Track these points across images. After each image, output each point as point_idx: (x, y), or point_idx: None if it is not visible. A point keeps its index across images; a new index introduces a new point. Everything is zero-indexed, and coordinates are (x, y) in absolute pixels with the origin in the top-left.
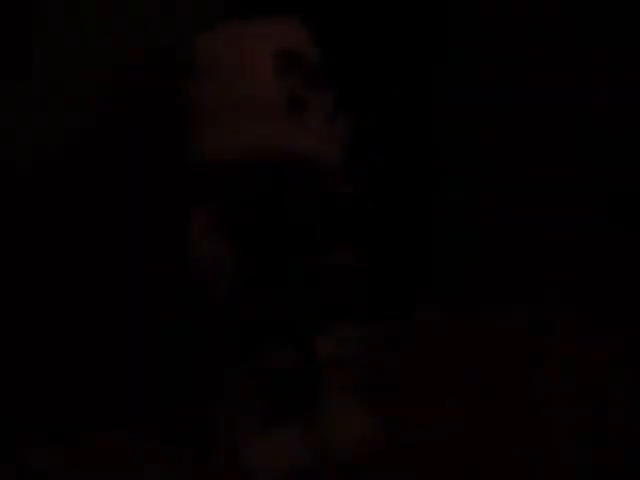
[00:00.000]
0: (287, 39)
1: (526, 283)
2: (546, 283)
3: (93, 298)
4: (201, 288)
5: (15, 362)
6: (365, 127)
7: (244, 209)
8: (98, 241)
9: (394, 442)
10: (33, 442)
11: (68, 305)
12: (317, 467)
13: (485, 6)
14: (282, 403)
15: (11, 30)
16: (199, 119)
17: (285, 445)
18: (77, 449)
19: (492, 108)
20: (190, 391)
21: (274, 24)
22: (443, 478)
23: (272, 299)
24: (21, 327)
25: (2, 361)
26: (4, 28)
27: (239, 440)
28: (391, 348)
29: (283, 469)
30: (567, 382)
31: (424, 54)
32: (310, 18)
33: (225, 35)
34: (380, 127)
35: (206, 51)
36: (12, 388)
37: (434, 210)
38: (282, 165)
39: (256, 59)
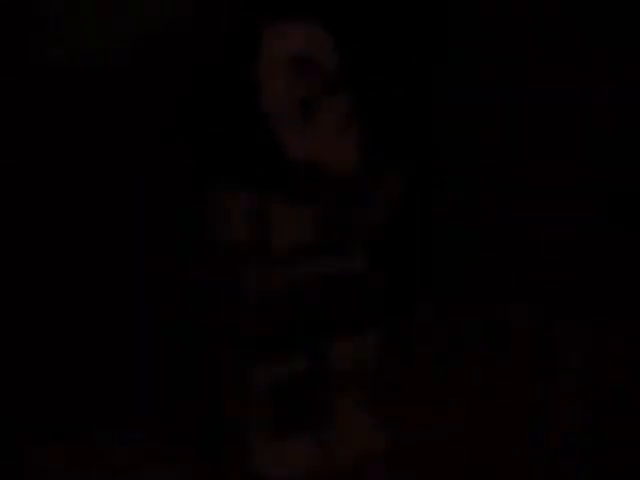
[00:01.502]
0: (303, 43)
1: (526, 283)
2: (546, 283)
3: (93, 298)
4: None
5: (15, 362)
6: (367, 128)
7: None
8: (98, 240)
9: (394, 442)
10: (33, 442)
11: (68, 305)
12: (327, 475)
13: (485, 6)
14: (294, 410)
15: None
16: None
17: (299, 452)
18: (77, 449)
19: (492, 108)
20: (190, 391)
21: (290, 28)
22: (443, 478)
23: (290, 305)
24: (21, 326)
25: (2, 361)
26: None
27: (252, 445)
28: (391, 348)
29: (296, 476)
30: (567, 382)
31: (425, 54)
32: (325, 20)
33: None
34: (380, 127)
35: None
36: (12, 388)
37: (434, 210)
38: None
39: (271, 65)
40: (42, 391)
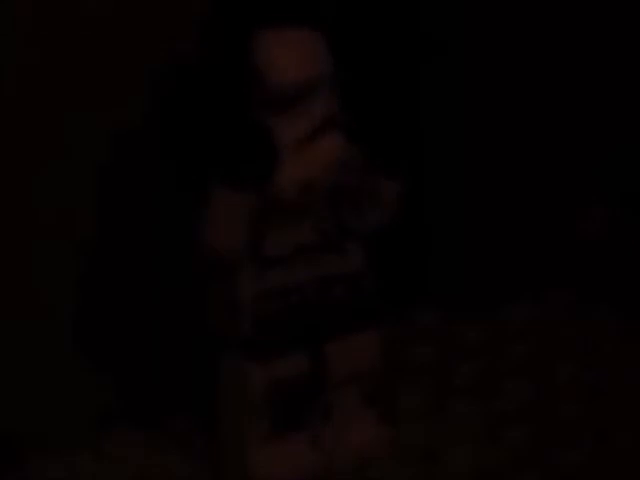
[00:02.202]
0: (257, 56)
1: (526, 283)
2: (546, 283)
3: (92, 298)
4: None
5: (16, 363)
6: (359, 127)
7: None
8: (95, 243)
9: (394, 446)
10: (37, 443)
11: (66, 306)
12: (325, 475)
13: (485, 5)
14: (293, 411)
15: None
16: None
17: (295, 453)
18: (80, 450)
19: (492, 108)
20: (189, 392)
21: (260, 37)
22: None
23: (289, 306)
24: (22, 327)
25: (3, 362)
26: None
27: (251, 446)
28: (391, 349)
29: (295, 476)
30: (568, 382)
31: (415, 55)
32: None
33: None
34: (376, 129)
35: None
36: (14, 389)
37: (432, 210)
38: None
39: None
40: (44, 392)
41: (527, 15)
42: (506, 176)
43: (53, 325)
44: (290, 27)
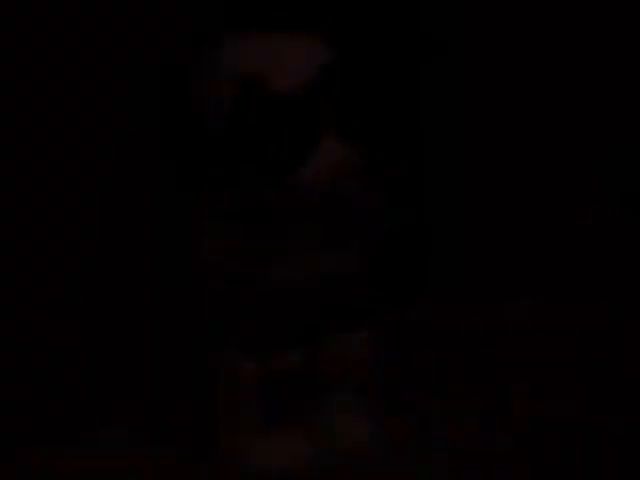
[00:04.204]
0: (251, 61)
1: (526, 283)
2: (546, 283)
3: (87, 298)
4: (202, 277)
5: (15, 362)
6: (359, 127)
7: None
8: (92, 243)
9: (392, 443)
10: (32, 442)
11: (61, 306)
12: (318, 468)
13: (485, 5)
14: (285, 404)
15: None
16: None
17: (287, 446)
18: (77, 449)
19: (492, 108)
20: (183, 386)
21: (242, 43)
22: (441, 478)
23: (286, 304)
24: (20, 326)
25: (3, 362)
26: None
27: (241, 440)
28: (389, 348)
29: (284, 470)
30: (568, 381)
31: (413, 55)
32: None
33: None
34: (375, 127)
35: None
36: (12, 389)
37: (432, 210)
38: None
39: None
40: (42, 391)
41: (527, 15)
42: (506, 176)
43: (53, 325)
44: (289, 28)
